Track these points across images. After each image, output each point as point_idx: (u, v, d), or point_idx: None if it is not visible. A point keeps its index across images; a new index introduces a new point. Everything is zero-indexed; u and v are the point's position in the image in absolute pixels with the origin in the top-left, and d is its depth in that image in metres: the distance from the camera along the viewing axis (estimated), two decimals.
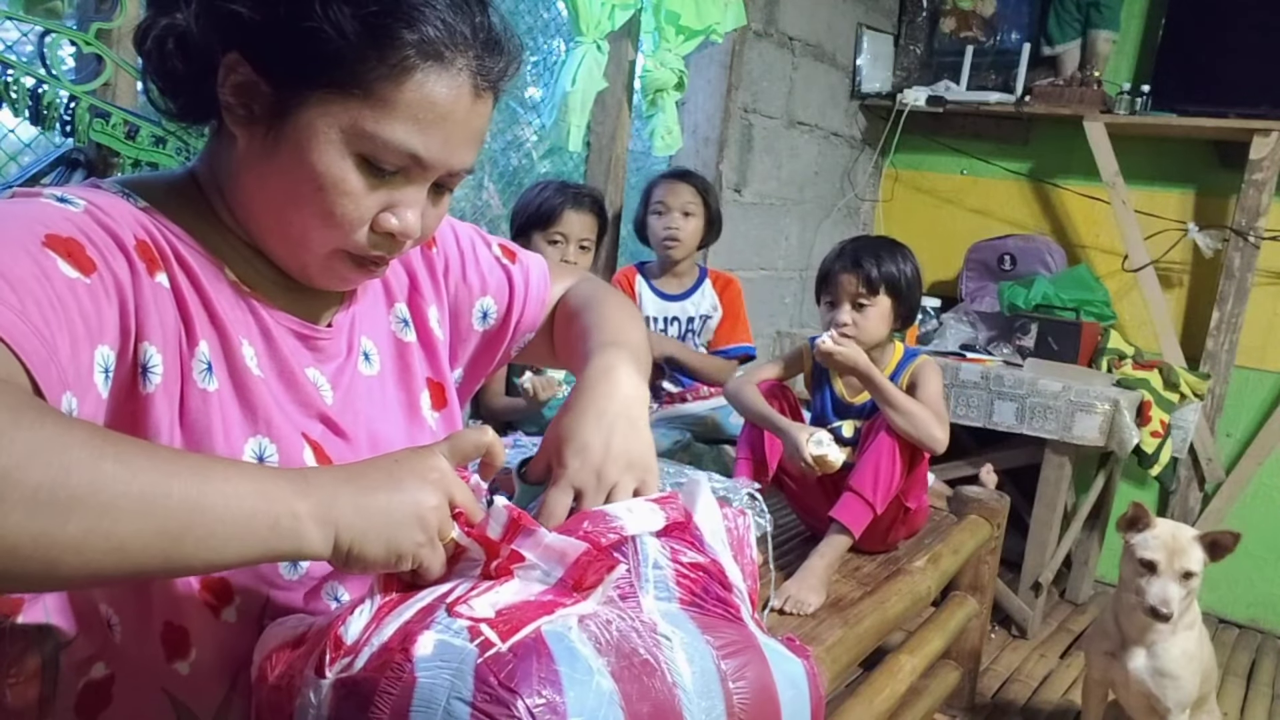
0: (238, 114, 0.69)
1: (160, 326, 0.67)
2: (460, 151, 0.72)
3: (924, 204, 3.48)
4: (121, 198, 0.70)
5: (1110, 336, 2.86)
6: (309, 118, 0.67)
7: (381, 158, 0.68)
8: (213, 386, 0.70)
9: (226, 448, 0.70)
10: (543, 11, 2.38)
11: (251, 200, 0.73)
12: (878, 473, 1.68)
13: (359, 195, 0.69)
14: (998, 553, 2.15)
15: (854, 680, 1.94)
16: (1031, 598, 2.73)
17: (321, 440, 0.78)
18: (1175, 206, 3.02)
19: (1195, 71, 2.81)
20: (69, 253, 0.61)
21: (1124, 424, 2.50)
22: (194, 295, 0.71)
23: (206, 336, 0.71)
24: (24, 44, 1.36)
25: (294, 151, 0.68)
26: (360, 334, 0.85)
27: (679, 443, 2.17)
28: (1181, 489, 3.00)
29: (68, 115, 1.36)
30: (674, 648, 0.60)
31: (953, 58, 3.23)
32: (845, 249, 1.80)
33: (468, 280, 0.95)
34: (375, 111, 0.67)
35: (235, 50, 0.67)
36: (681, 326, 2.35)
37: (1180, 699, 1.78)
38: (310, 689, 0.59)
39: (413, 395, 0.88)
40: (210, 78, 0.69)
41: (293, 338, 0.78)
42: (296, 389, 0.77)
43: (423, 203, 0.73)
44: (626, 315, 0.95)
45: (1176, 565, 1.72)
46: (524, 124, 2.44)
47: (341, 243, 0.72)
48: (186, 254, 0.71)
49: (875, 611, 1.58)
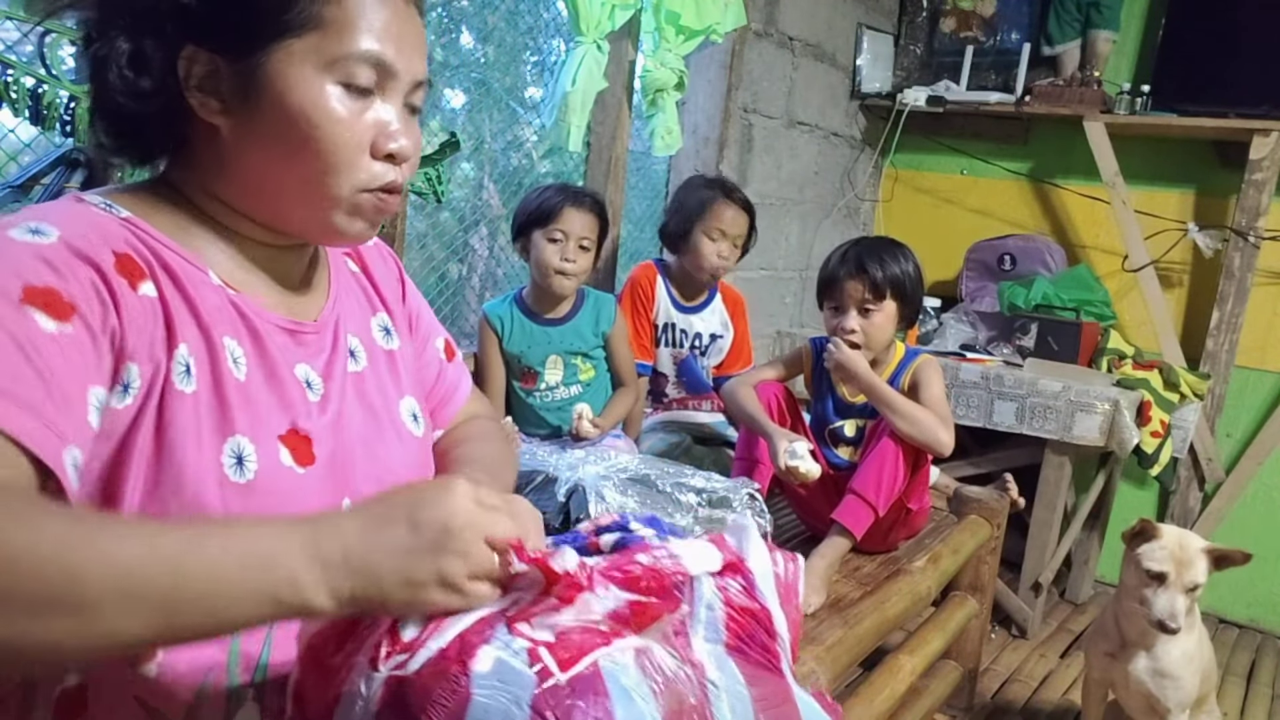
0: (211, 106, 0.73)
1: (142, 340, 0.69)
2: (413, 58, 0.77)
3: (924, 204, 3.48)
4: (102, 210, 0.72)
5: (1110, 336, 2.86)
6: (277, 70, 0.71)
7: (354, 73, 0.73)
8: (190, 389, 0.71)
9: (201, 449, 0.70)
10: (543, 11, 2.38)
11: (253, 179, 0.75)
12: (881, 475, 1.67)
13: (349, 121, 0.74)
14: (998, 553, 2.15)
15: (854, 680, 1.94)
16: (1031, 598, 2.73)
17: (303, 439, 0.78)
18: (1175, 206, 3.02)
19: (1195, 71, 2.81)
20: (46, 304, 0.62)
21: (1124, 424, 2.50)
22: (178, 299, 0.72)
23: (188, 339, 0.72)
24: (24, 44, 1.36)
25: (275, 107, 0.72)
26: (346, 331, 0.86)
27: (678, 445, 2.17)
28: (1181, 489, 3.00)
29: (68, 115, 1.35)
30: (720, 696, 0.60)
31: (953, 58, 3.23)
32: (848, 253, 1.77)
33: (415, 365, 0.99)
34: (332, 34, 0.72)
35: (187, 45, 0.71)
36: (688, 340, 2.33)
37: (1181, 699, 1.78)
38: (361, 678, 0.59)
39: (393, 398, 0.90)
40: (170, 88, 0.72)
41: (281, 334, 0.79)
42: (282, 389, 0.78)
43: (406, 119, 0.78)
44: (508, 463, 1.00)
45: (1185, 578, 1.69)
46: (524, 124, 2.44)
47: (352, 179, 0.75)
48: (171, 260, 0.73)
49: (875, 611, 1.58)
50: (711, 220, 2.20)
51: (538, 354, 2.03)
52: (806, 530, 1.95)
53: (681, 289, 2.31)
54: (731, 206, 2.22)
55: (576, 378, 2.07)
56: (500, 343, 2.03)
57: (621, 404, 2.10)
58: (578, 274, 1.97)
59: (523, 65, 2.44)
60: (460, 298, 2.35)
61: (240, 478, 0.72)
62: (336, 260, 0.91)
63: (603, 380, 2.11)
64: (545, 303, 2.04)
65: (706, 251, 2.20)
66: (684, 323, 2.31)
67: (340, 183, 0.75)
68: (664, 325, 2.30)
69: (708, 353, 2.35)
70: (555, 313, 2.04)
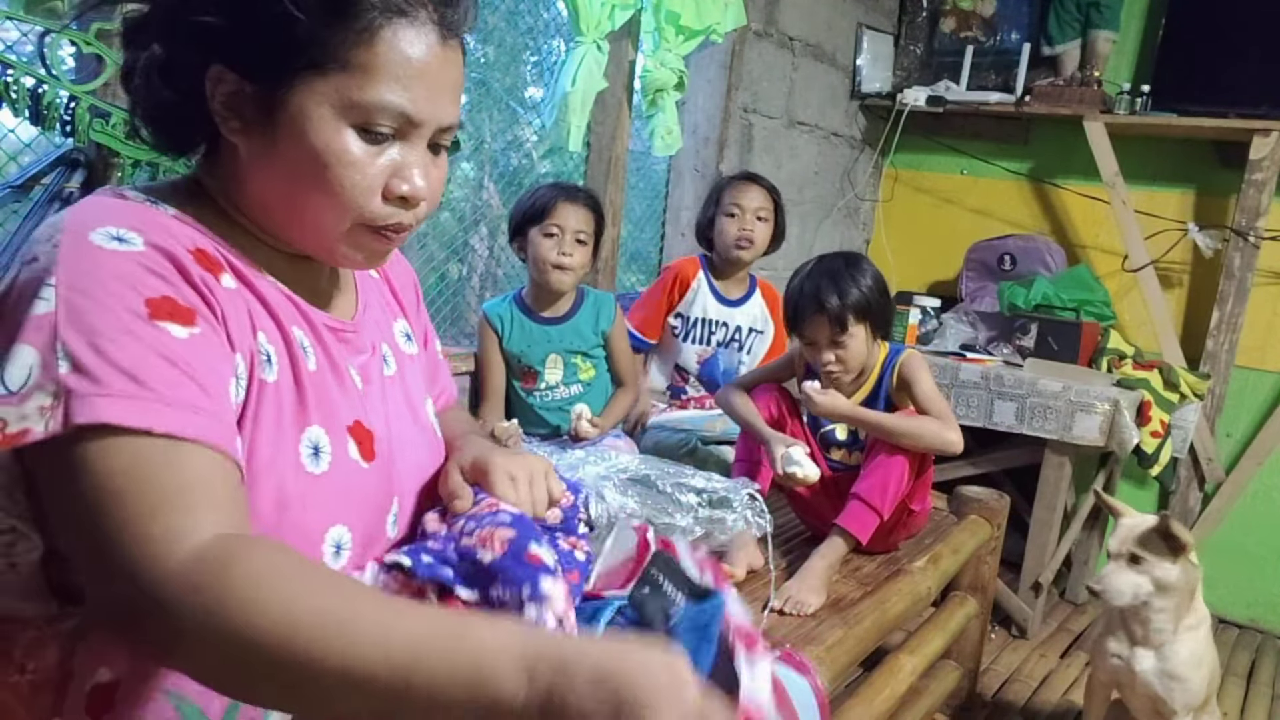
0: (233, 124, 0.73)
1: (238, 331, 0.71)
2: (443, 104, 0.75)
3: (924, 204, 3.48)
4: (148, 204, 0.72)
5: (1110, 336, 2.86)
6: (298, 104, 0.70)
7: (374, 121, 0.72)
8: (272, 378, 0.73)
9: (284, 439, 0.72)
10: (543, 11, 2.38)
11: (265, 199, 0.76)
12: (886, 480, 1.67)
13: (363, 164, 0.72)
14: (998, 553, 2.15)
15: (854, 680, 1.94)
16: (1031, 598, 2.73)
17: (367, 434, 0.80)
18: (1175, 206, 3.02)
19: (1195, 71, 2.80)
20: (171, 313, 0.65)
21: (1124, 424, 2.50)
22: (247, 291, 0.74)
23: (265, 328, 0.74)
24: (24, 44, 1.36)
25: (292, 139, 0.71)
26: (379, 338, 0.89)
27: (684, 445, 2.17)
28: (1181, 489, 3.00)
29: (68, 115, 1.35)
30: None
31: (953, 58, 3.23)
32: (804, 289, 1.72)
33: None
34: (357, 79, 0.70)
35: (216, 63, 0.71)
36: (728, 333, 2.34)
37: (1187, 701, 1.77)
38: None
39: (418, 401, 0.93)
40: (198, 99, 0.72)
41: (329, 332, 0.81)
42: (343, 382, 0.80)
43: (425, 163, 0.76)
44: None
45: (1124, 551, 1.73)
46: (524, 124, 2.45)
47: (358, 216, 0.75)
48: (229, 254, 0.74)
49: (875, 611, 1.58)
50: (728, 199, 2.27)
51: (538, 353, 2.03)
52: (807, 530, 1.95)
53: (723, 282, 2.35)
54: (745, 182, 2.28)
55: (576, 377, 2.07)
56: (500, 342, 2.03)
57: (621, 404, 2.10)
58: (575, 269, 1.97)
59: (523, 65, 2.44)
60: (460, 298, 2.35)
61: (316, 468, 0.74)
62: (361, 270, 0.92)
63: (603, 380, 2.11)
64: (545, 301, 2.04)
65: (728, 229, 2.26)
66: (725, 316, 2.34)
67: (343, 216, 0.74)
68: (696, 319, 2.32)
69: (748, 347, 2.36)
70: (555, 311, 2.04)
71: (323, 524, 0.74)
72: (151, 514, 0.60)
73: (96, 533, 0.61)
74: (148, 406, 0.62)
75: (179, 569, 0.59)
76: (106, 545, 0.60)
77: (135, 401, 0.61)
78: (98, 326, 0.62)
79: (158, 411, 0.62)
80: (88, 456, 0.61)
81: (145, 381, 0.62)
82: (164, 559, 0.59)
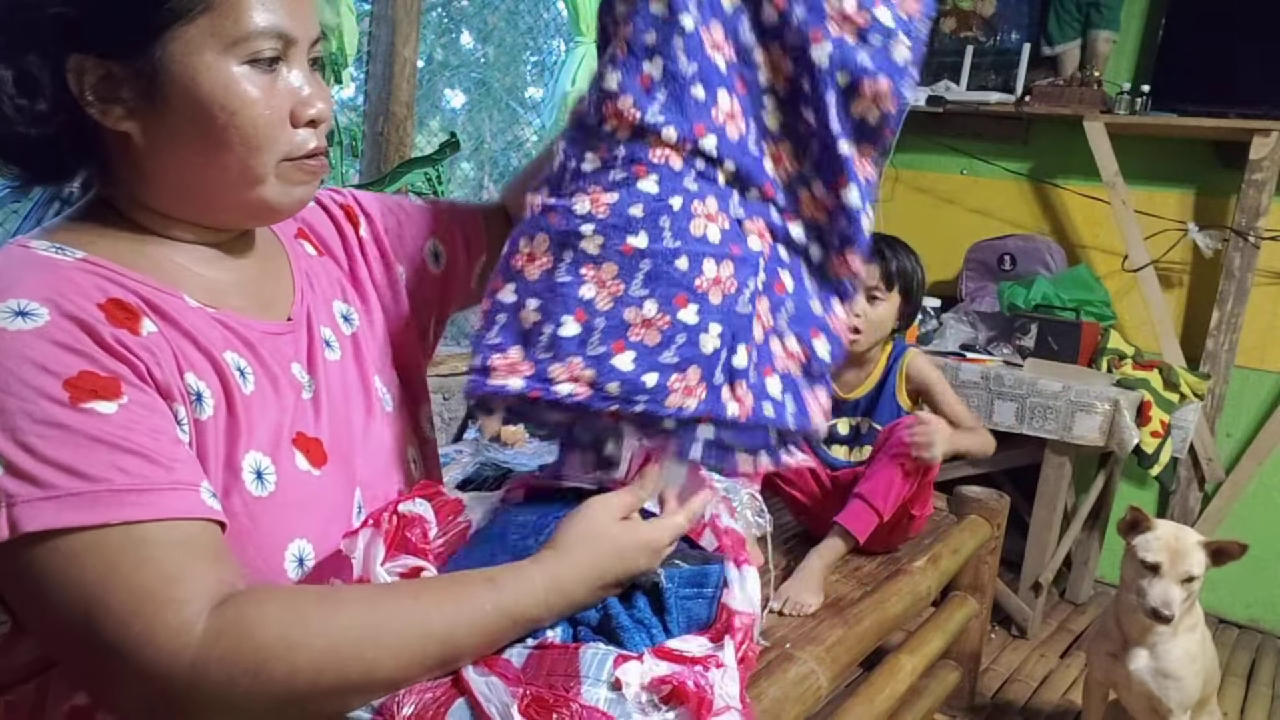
0: (115, 113, 0.69)
1: (167, 378, 0.68)
2: (308, 17, 0.74)
3: (924, 204, 3.48)
4: (54, 254, 0.68)
5: (1110, 336, 2.86)
6: (178, 63, 0.68)
7: (257, 48, 0.70)
8: (206, 415, 0.70)
9: (224, 470, 0.70)
10: (543, 11, 2.38)
11: (176, 180, 0.72)
12: (890, 483, 1.67)
13: (264, 99, 0.71)
14: (998, 553, 2.14)
15: (854, 680, 1.94)
16: (1031, 598, 2.73)
17: (313, 441, 0.78)
18: (1175, 206, 3.02)
19: (1195, 71, 2.81)
20: (93, 390, 0.62)
21: (1124, 424, 2.50)
22: (171, 329, 0.70)
23: (194, 366, 0.70)
24: None
25: (185, 100, 0.69)
26: (318, 323, 0.85)
27: None
28: (1181, 489, 2.99)
29: None
30: None
31: (953, 57, 3.23)
32: None
33: (404, 234, 0.98)
34: (223, 15, 0.68)
35: (73, 54, 0.67)
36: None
37: (1182, 700, 1.77)
38: None
39: (368, 381, 0.89)
40: (67, 106, 0.68)
41: (269, 339, 0.78)
42: (285, 393, 0.77)
43: (313, 80, 0.75)
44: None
45: (1179, 568, 1.70)
46: (524, 124, 2.45)
47: (276, 153, 0.73)
48: (146, 293, 0.70)
49: (875, 611, 1.58)
50: None
51: None
52: (806, 530, 1.95)
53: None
54: None
55: None
56: None
57: None
58: None
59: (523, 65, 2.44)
60: None
61: (261, 491, 0.71)
62: (296, 250, 0.88)
63: None
64: None
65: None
66: None
67: (266, 160, 0.72)
68: None
69: None
70: None
71: (281, 542, 0.72)
72: (147, 614, 0.59)
73: (92, 644, 0.59)
74: (97, 499, 0.59)
75: (200, 654, 0.59)
76: (106, 657, 0.59)
77: (83, 498, 0.59)
78: (19, 425, 0.59)
79: (108, 502, 0.59)
80: (52, 567, 0.59)
81: (86, 473, 0.59)
82: (180, 652, 0.58)
